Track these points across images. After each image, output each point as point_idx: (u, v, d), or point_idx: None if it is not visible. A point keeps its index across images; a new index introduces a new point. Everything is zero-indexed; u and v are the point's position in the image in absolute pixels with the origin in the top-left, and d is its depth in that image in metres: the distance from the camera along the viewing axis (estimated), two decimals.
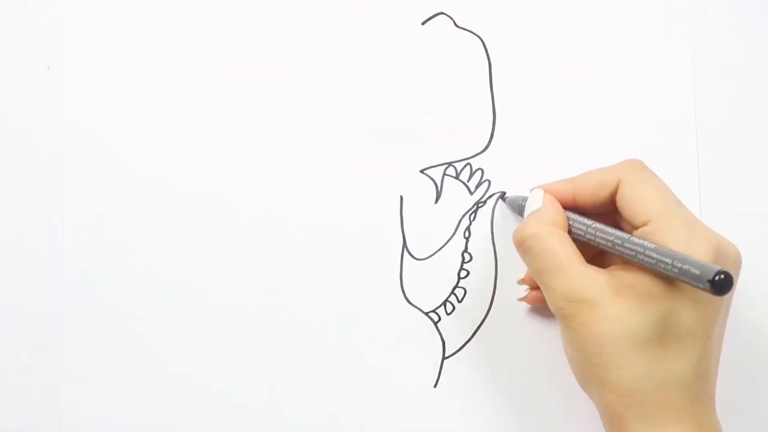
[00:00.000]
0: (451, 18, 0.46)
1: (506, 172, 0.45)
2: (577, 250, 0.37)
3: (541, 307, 0.44)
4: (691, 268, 0.33)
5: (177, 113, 0.45)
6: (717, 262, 0.35)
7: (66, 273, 0.44)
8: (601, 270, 0.37)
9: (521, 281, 0.44)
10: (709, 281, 0.31)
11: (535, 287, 0.43)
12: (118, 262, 0.44)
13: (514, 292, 0.44)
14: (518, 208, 0.43)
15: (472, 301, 0.45)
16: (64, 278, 0.44)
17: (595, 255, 0.40)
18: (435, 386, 0.44)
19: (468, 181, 0.45)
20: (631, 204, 0.38)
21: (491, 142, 0.45)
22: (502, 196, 0.45)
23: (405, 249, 0.45)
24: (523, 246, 0.39)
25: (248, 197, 0.45)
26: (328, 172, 0.45)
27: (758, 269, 0.45)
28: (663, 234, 0.36)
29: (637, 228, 0.37)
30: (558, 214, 0.40)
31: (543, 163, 0.45)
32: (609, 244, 0.37)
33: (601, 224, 0.38)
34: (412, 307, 0.45)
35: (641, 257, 0.35)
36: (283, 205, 0.45)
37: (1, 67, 0.45)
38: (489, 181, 0.45)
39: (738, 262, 0.37)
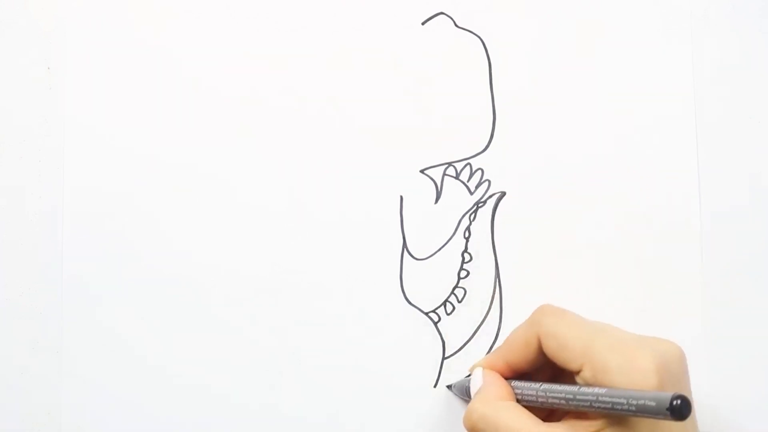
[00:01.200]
0: (451, 18, 0.46)
1: (506, 172, 0.45)
2: (530, 415, 0.36)
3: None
4: (646, 402, 0.32)
5: (177, 113, 0.45)
6: (663, 376, 0.34)
7: (66, 273, 0.44)
8: (558, 426, 0.36)
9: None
10: (668, 409, 0.31)
11: None
12: (118, 262, 0.44)
13: (514, 291, 0.44)
14: (465, 391, 0.42)
15: (472, 301, 0.45)
16: (64, 278, 0.44)
17: (549, 412, 0.39)
18: (435, 386, 0.44)
19: (468, 181, 0.45)
20: (558, 355, 0.37)
21: (491, 142, 0.45)
22: (449, 385, 0.44)
23: (405, 249, 0.45)
24: (475, 430, 0.37)
25: (248, 197, 0.45)
26: (328, 172, 0.45)
27: (758, 269, 0.45)
28: (601, 375, 0.35)
29: (577, 374, 0.36)
30: (501, 387, 0.39)
31: (543, 163, 0.45)
32: (563, 402, 0.36)
33: (547, 384, 0.37)
34: (412, 307, 0.45)
35: (596, 405, 0.34)
36: (283, 205, 0.45)
37: (1, 67, 0.45)
38: (489, 181, 0.45)
39: (682, 359, 0.36)
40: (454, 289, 0.45)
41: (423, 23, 0.46)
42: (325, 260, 0.45)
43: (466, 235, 0.45)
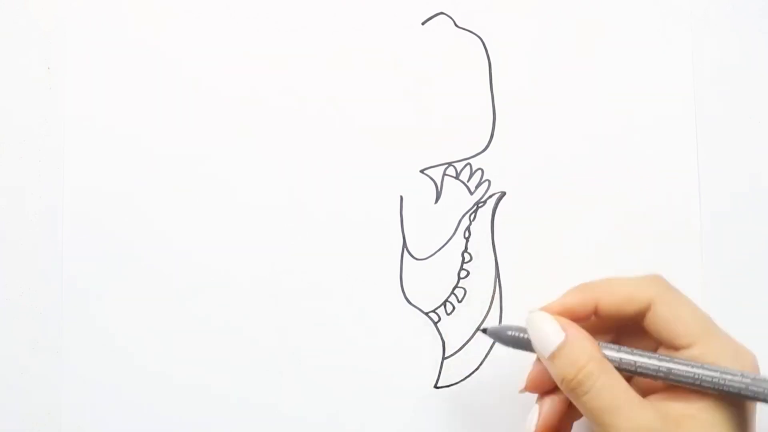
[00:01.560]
0: (451, 18, 0.46)
1: (506, 172, 0.45)
2: (629, 385, 0.35)
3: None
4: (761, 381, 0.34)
5: (177, 113, 0.45)
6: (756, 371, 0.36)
7: (66, 273, 0.44)
8: (655, 404, 0.35)
9: (524, 390, 0.39)
10: None
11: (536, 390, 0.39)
12: (117, 262, 0.44)
13: (514, 291, 0.44)
14: (513, 341, 0.37)
15: (472, 301, 0.45)
16: (64, 278, 0.44)
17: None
18: (435, 386, 0.44)
19: (468, 181, 0.45)
20: (671, 326, 0.36)
21: (491, 142, 0.45)
22: (482, 329, 0.39)
23: (405, 249, 0.45)
24: (582, 384, 0.35)
25: (248, 197, 0.45)
26: (328, 172, 0.45)
27: (758, 269, 0.45)
28: (713, 357, 0.35)
29: (675, 349, 0.36)
30: (594, 343, 0.36)
31: (543, 163, 0.45)
32: (660, 374, 0.35)
33: (641, 351, 0.36)
34: (412, 307, 0.45)
35: (709, 384, 0.34)
36: (283, 205, 0.45)
37: (1, 67, 0.45)
38: (489, 181, 0.45)
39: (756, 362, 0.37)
40: (454, 289, 0.45)
41: (423, 23, 0.46)
42: (325, 260, 0.45)
43: (466, 235, 0.45)
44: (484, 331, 0.38)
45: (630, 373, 0.36)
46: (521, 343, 0.37)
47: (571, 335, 0.36)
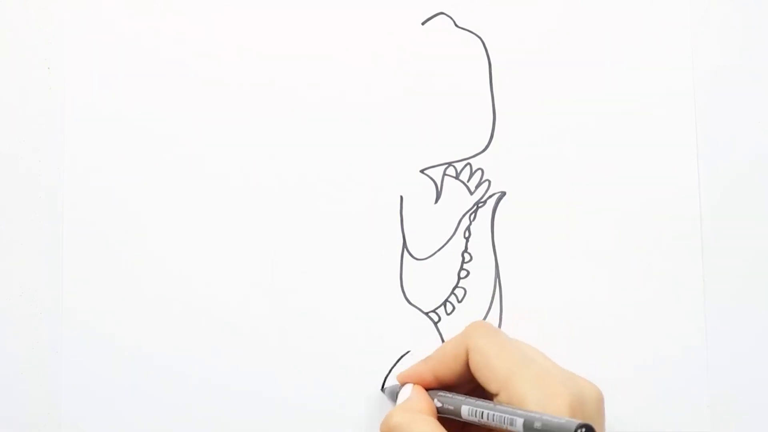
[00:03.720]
0: (451, 18, 0.46)
1: (506, 172, 0.45)
2: (442, 429, 0.37)
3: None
4: (556, 422, 0.33)
5: (177, 113, 0.45)
6: (576, 412, 0.35)
7: (66, 273, 0.44)
8: None
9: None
10: None
11: None
12: (118, 262, 0.44)
13: (514, 291, 0.44)
14: (395, 397, 0.42)
15: (472, 301, 0.45)
16: (64, 278, 0.44)
17: (464, 425, 0.40)
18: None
19: (468, 181, 0.45)
20: (482, 373, 0.38)
21: (491, 142, 0.45)
22: (382, 387, 0.44)
23: (405, 249, 0.45)
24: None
25: (248, 197, 0.45)
26: (328, 171, 0.45)
27: (759, 269, 0.45)
28: (517, 403, 0.36)
29: (494, 396, 0.37)
30: (422, 400, 0.40)
31: (543, 163, 0.45)
32: (477, 417, 0.37)
33: (469, 398, 0.38)
34: (412, 307, 0.44)
35: (507, 425, 0.35)
36: (282, 205, 0.45)
37: (1, 67, 0.45)
38: (489, 181, 0.45)
39: (600, 401, 0.38)
40: (454, 289, 0.45)
41: (423, 23, 0.46)
42: (325, 260, 0.45)
43: (466, 235, 0.45)
44: (383, 390, 0.44)
45: (465, 420, 0.38)
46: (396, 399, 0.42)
47: (411, 394, 0.41)
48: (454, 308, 0.45)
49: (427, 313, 0.45)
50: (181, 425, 0.44)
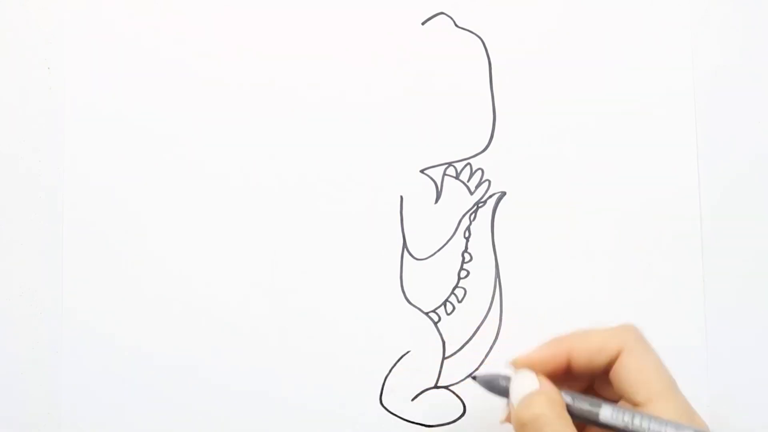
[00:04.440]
0: (451, 18, 0.46)
1: (506, 172, 0.45)
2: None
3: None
4: None
5: (177, 113, 0.45)
6: None
7: (66, 273, 0.44)
8: None
9: (505, 420, 0.38)
10: None
11: None
12: (118, 261, 0.44)
13: (514, 291, 0.45)
14: (498, 389, 0.38)
15: (472, 301, 0.45)
16: (64, 278, 0.44)
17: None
18: (435, 386, 0.44)
19: (468, 181, 0.45)
20: (634, 378, 0.36)
21: (491, 142, 0.45)
22: (472, 375, 0.39)
23: (405, 249, 0.45)
24: (529, 427, 0.35)
25: (248, 197, 0.45)
26: (328, 171, 0.45)
27: (759, 269, 0.45)
28: (669, 416, 0.34)
29: (634, 404, 0.36)
30: (558, 395, 0.36)
31: (543, 163, 0.45)
32: (625, 423, 0.35)
33: (609, 404, 0.36)
34: (412, 307, 0.45)
35: None
36: (283, 205, 0.45)
37: (1, 67, 0.45)
38: (489, 181, 0.45)
39: None
40: (454, 289, 0.45)
41: (423, 23, 0.46)
42: (325, 260, 0.45)
43: (466, 235, 0.45)
44: (474, 378, 0.38)
45: (587, 423, 0.36)
46: (504, 391, 0.37)
47: (544, 385, 0.36)
48: (454, 308, 0.45)
49: (427, 313, 0.45)
50: (181, 425, 0.44)
